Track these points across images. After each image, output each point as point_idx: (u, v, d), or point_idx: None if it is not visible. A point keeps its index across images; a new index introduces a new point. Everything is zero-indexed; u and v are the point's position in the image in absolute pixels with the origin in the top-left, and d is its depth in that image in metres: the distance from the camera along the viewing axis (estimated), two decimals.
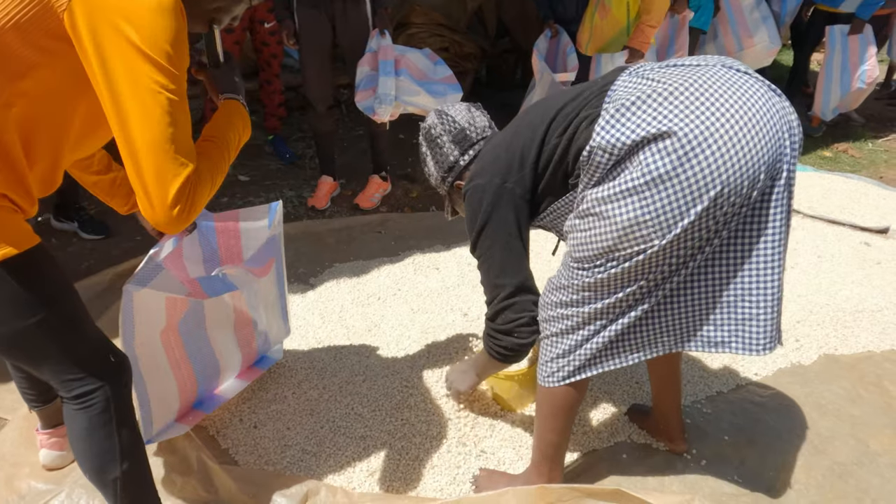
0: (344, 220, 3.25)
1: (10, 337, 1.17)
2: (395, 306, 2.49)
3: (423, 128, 1.67)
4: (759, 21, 4.16)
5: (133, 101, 1.03)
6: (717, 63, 1.30)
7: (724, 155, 1.17)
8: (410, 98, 3.08)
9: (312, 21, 3.01)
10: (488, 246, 1.48)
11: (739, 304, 1.30)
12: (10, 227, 1.13)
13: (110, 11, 1.01)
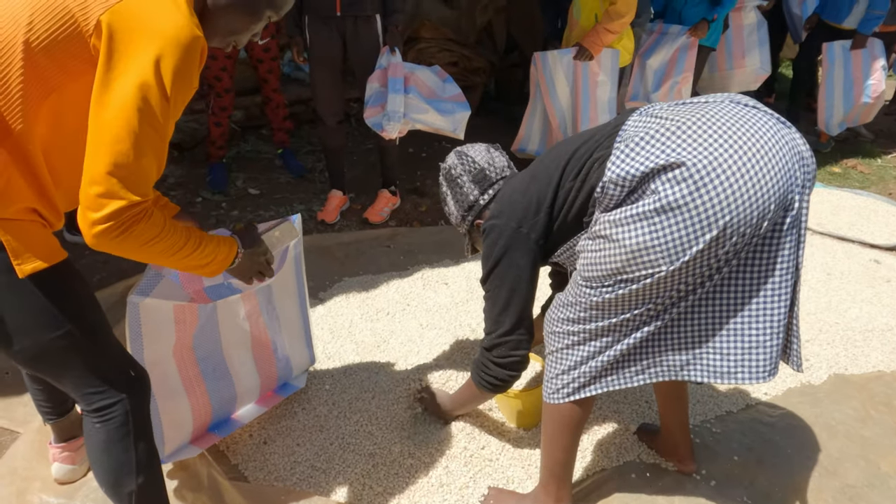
0: (353, 234, 3.27)
1: (35, 349, 1.19)
2: (404, 321, 2.50)
3: (442, 168, 1.73)
4: (755, 44, 4.19)
5: (117, 117, 1.05)
6: (726, 99, 1.33)
7: (734, 185, 1.19)
8: (419, 115, 3.11)
9: (323, 37, 3.04)
10: (497, 284, 1.55)
11: (746, 332, 1.31)
12: (40, 241, 1.16)
13: (136, 33, 1.05)
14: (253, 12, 1.25)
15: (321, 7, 2.94)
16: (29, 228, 1.14)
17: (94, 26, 1.05)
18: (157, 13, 1.06)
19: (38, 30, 1.05)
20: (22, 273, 1.12)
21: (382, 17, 3.05)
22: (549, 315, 1.49)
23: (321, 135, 3.38)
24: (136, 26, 1.05)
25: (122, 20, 1.05)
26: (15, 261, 1.12)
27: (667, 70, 3.96)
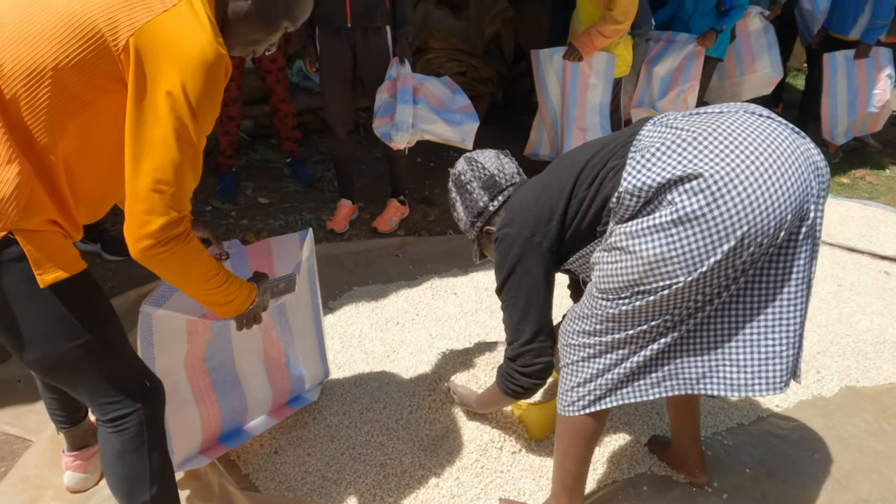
0: (362, 244, 3.28)
1: (53, 358, 1.20)
2: (413, 331, 2.50)
3: (452, 174, 1.74)
4: (763, 48, 4.18)
5: (154, 136, 1.10)
6: (740, 109, 1.34)
7: (751, 196, 1.19)
8: (427, 126, 3.13)
9: (334, 48, 3.06)
10: (513, 294, 1.54)
11: (762, 343, 1.30)
12: (61, 252, 1.17)
13: (164, 54, 1.07)
14: (271, 23, 1.28)
15: (332, 18, 2.96)
16: (50, 239, 1.16)
17: (122, 46, 1.07)
18: (183, 33, 1.09)
19: (67, 48, 1.07)
20: (43, 283, 1.14)
21: (392, 29, 3.07)
22: (563, 327, 1.49)
23: (331, 144, 3.40)
24: (164, 47, 1.08)
25: (150, 41, 1.08)
26: (36, 270, 1.13)
27: (673, 78, 3.97)
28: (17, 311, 1.15)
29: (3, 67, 1.06)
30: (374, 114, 3.12)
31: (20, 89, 1.07)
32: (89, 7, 1.07)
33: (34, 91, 1.08)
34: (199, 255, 1.22)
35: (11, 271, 1.12)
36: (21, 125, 1.09)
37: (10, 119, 1.08)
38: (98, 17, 1.07)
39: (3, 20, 1.08)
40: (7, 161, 1.07)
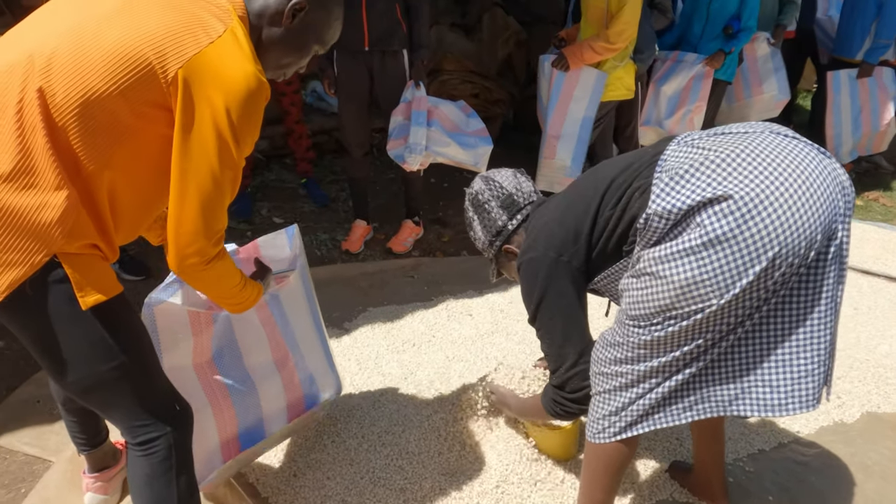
0: (377, 264, 3.30)
1: (90, 380, 1.22)
2: (430, 353, 2.50)
3: (469, 194, 1.73)
4: (770, 71, 4.21)
5: (201, 162, 1.15)
6: (765, 129, 1.34)
7: (782, 217, 1.19)
8: (440, 149, 3.16)
9: (352, 71, 3.10)
10: (549, 317, 1.53)
11: (794, 362, 1.29)
12: (101, 275, 1.20)
13: (210, 85, 1.12)
14: (302, 47, 1.33)
15: (351, 42, 3.00)
16: (90, 262, 1.18)
17: (171, 78, 1.11)
18: (229, 64, 1.13)
19: (117, 78, 1.10)
20: (85, 305, 1.16)
21: (409, 52, 3.11)
22: (595, 354, 1.47)
23: (346, 166, 3.43)
24: (210, 78, 1.12)
25: (198, 72, 1.11)
26: (79, 293, 1.15)
27: (681, 98, 3.99)
28: (59, 333, 1.17)
29: (55, 97, 1.09)
30: (389, 136, 3.15)
31: (71, 118, 1.10)
32: (139, 39, 1.11)
33: (84, 120, 1.11)
34: (230, 269, 1.33)
35: (55, 293, 1.15)
36: (70, 152, 1.12)
37: (59, 146, 1.10)
38: (147, 49, 1.11)
39: (55, 52, 1.10)
40: (55, 187, 1.10)
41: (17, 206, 1.09)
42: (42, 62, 1.09)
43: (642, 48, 3.50)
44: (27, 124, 1.09)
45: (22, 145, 1.08)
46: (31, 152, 1.09)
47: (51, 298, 1.14)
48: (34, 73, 1.09)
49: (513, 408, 1.89)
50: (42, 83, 1.09)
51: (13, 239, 1.10)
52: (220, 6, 1.20)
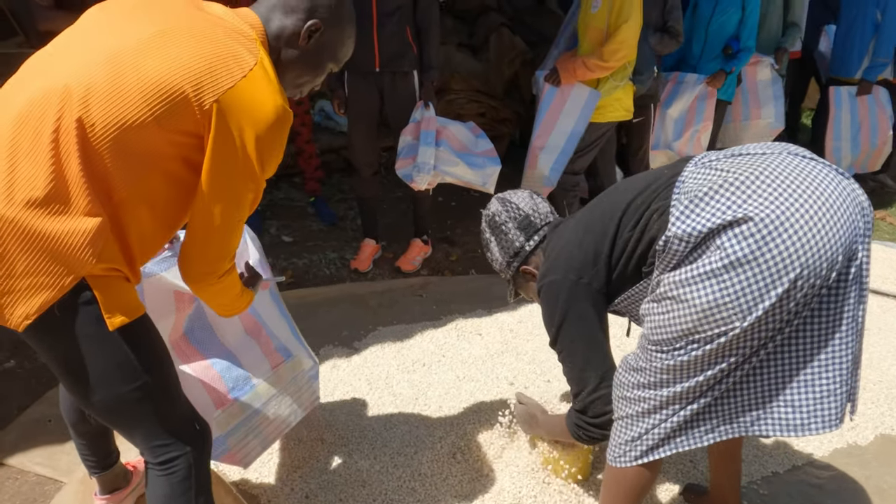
0: (386, 283, 3.30)
1: (113, 400, 1.23)
2: (440, 373, 2.50)
3: (485, 215, 1.74)
4: (770, 98, 4.23)
5: (230, 187, 1.21)
6: (783, 150, 1.34)
7: (803, 238, 1.19)
8: (448, 168, 3.18)
9: (362, 91, 3.14)
10: (570, 340, 1.53)
11: (817, 382, 1.29)
12: (126, 296, 1.22)
13: (243, 116, 1.16)
14: (318, 66, 1.38)
15: (362, 63, 3.03)
16: (116, 283, 1.20)
17: (206, 110, 1.15)
18: (259, 97, 1.18)
19: (153, 106, 1.13)
20: (112, 326, 1.17)
21: (419, 73, 3.14)
22: (617, 379, 1.46)
23: (355, 185, 3.45)
24: (242, 109, 1.16)
25: (232, 104, 1.16)
26: (106, 314, 1.17)
27: (686, 119, 4.01)
28: (85, 354, 1.19)
29: (94, 127, 1.11)
30: (398, 155, 3.17)
31: (107, 146, 1.13)
32: (176, 71, 1.14)
33: (119, 147, 1.13)
34: (236, 280, 1.39)
35: (82, 314, 1.16)
36: (103, 179, 1.14)
37: (93, 173, 1.13)
38: (184, 81, 1.14)
39: (93, 82, 1.13)
40: (87, 212, 1.12)
41: (49, 231, 1.11)
42: (80, 92, 1.12)
43: (641, 69, 3.49)
44: (62, 152, 1.11)
45: (56, 172, 1.11)
46: (65, 178, 1.11)
47: (78, 320, 1.16)
48: (72, 102, 1.11)
49: (540, 422, 1.88)
50: (81, 113, 1.11)
51: (44, 263, 1.11)
52: (246, 35, 1.24)
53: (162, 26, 1.19)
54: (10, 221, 1.09)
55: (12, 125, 1.12)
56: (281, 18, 1.30)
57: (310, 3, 1.30)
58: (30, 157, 1.10)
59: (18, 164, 1.10)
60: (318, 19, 1.31)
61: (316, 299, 3.07)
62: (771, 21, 4.24)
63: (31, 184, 1.09)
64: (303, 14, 1.30)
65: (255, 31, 1.27)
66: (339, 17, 1.35)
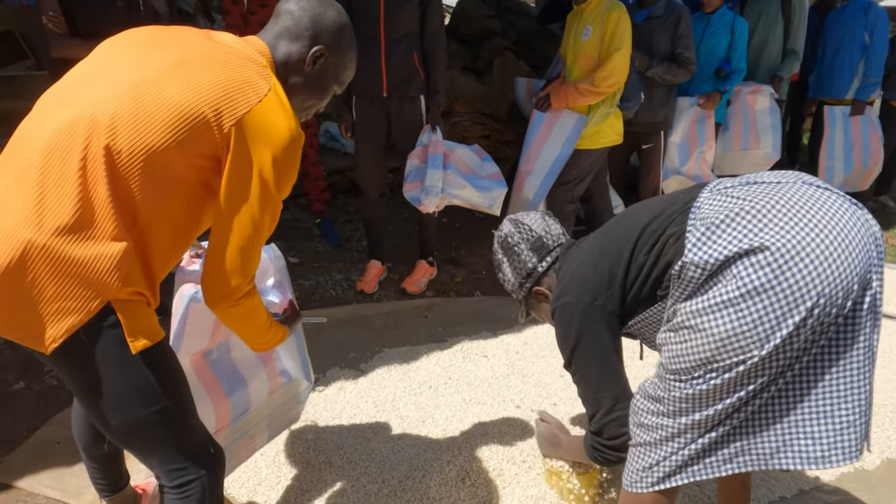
0: (391, 305, 3.32)
1: (132, 424, 1.25)
2: (447, 395, 2.51)
3: (498, 237, 1.77)
4: (768, 128, 4.26)
5: (248, 208, 1.24)
6: (798, 180, 1.36)
7: (819, 267, 1.21)
8: (456, 191, 3.22)
9: (370, 116, 3.19)
10: (584, 362, 1.55)
11: (836, 413, 1.29)
12: (147, 320, 1.24)
13: (259, 139, 1.21)
14: (323, 89, 1.46)
15: (369, 88, 3.09)
16: (138, 308, 1.23)
17: (225, 133, 1.19)
18: (274, 120, 1.23)
19: (176, 131, 1.17)
20: (135, 349, 1.20)
21: (425, 98, 3.19)
22: (635, 405, 1.47)
23: (362, 207, 3.48)
24: (259, 135, 1.21)
25: (249, 128, 1.21)
26: (129, 338, 1.19)
27: (689, 143, 4.05)
28: (107, 378, 1.21)
29: (121, 154, 1.15)
30: (405, 178, 3.21)
31: (134, 172, 1.17)
32: (197, 97, 1.19)
33: (145, 172, 1.17)
34: (260, 307, 1.41)
35: (106, 338, 1.19)
36: (129, 204, 1.18)
37: (120, 199, 1.16)
38: (204, 106, 1.18)
39: (118, 110, 1.17)
40: (113, 237, 1.15)
41: (76, 257, 1.14)
42: (106, 120, 1.15)
43: (629, 96, 3.50)
44: (90, 179, 1.14)
45: (83, 198, 1.14)
46: (92, 205, 1.15)
47: (102, 344, 1.18)
48: (99, 130, 1.15)
49: (563, 443, 1.88)
50: (108, 141, 1.15)
51: (72, 287, 1.14)
52: (257, 62, 1.30)
53: (179, 55, 1.23)
54: (41, 248, 1.12)
55: (41, 154, 1.15)
56: (287, 45, 1.37)
57: (313, 31, 1.37)
58: (58, 184, 1.14)
59: (47, 192, 1.14)
60: (322, 45, 1.38)
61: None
62: (771, 49, 4.30)
63: (59, 210, 1.13)
64: (307, 41, 1.37)
65: (265, 58, 1.33)
66: (341, 43, 1.42)
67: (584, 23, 3.21)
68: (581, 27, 3.22)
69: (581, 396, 1.61)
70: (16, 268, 1.12)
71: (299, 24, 1.37)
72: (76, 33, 2.70)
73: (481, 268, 3.83)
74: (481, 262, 3.89)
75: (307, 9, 1.38)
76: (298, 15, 1.37)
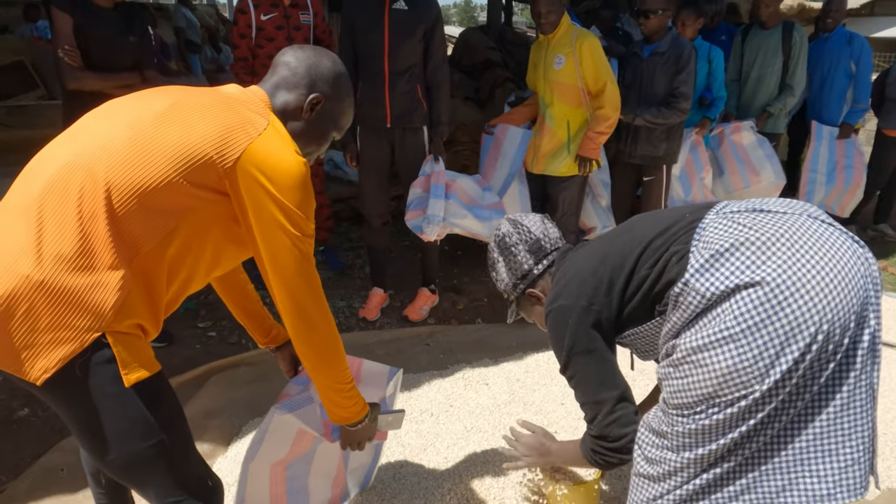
0: (393, 332, 3.35)
1: (129, 457, 1.25)
2: (448, 423, 2.52)
3: (496, 235, 1.77)
4: (763, 158, 4.27)
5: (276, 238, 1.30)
6: (803, 212, 1.39)
7: (819, 304, 1.24)
8: (457, 220, 3.27)
9: (374, 145, 3.25)
10: (582, 364, 1.54)
11: (841, 451, 1.31)
12: (142, 352, 1.25)
13: (264, 166, 1.26)
14: (322, 135, 1.50)
15: (373, 119, 3.16)
16: (133, 341, 1.24)
17: (230, 168, 1.24)
18: (275, 148, 1.28)
19: (178, 167, 1.22)
20: (128, 382, 1.20)
21: (428, 128, 3.26)
22: (640, 438, 1.47)
23: (365, 234, 3.53)
24: (263, 163, 1.26)
25: (252, 160, 1.26)
26: (123, 370, 1.20)
27: (688, 173, 4.10)
28: (101, 411, 1.21)
29: (119, 186, 1.19)
30: (407, 207, 3.26)
31: (132, 205, 1.20)
32: (198, 138, 1.23)
33: (144, 204, 1.20)
34: (339, 345, 1.44)
35: (98, 374, 1.19)
36: (129, 235, 1.20)
37: (119, 231, 1.19)
38: (207, 146, 1.23)
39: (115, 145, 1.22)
40: (110, 266, 1.18)
41: (72, 286, 1.15)
42: (104, 156, 1.20)
43: None
44: (87, 210, 1.17)
45: (81, 229, 1.17)
46: (89, 236, 1.17)
47: (96, 376, 1.19)
48: (96, 165, 1.19)
49: (553, 450, 1.83)
50: (106, 174, 1.19)
51: (67, 317, 1.16)
52: (257, 104, 1.37)
53: (177, 99, 1.29)
54: (38, 279, 1.14)
55: (40, 194, 1.19)
56: (284, 95, 1.42)
57: (309, 79, 1.43)
58: (56, 217, 1.17)
59: (45, 226, 1.17)
60: (319, 93, 1.43)
61: None
62: (769, 82, 4.33)
63: (57, 242, 1.16)
64: (304, 89, 1.42)
65: (265, 103, 1.39)
66: (337, 89, 1.47)
67: (554, 52, 3.30)
68: (551, 57, 3.31)
69: (579, 400, 1.58)
70: (12, 299, 1.14)
71: (295, 73, 1.42)
72: (91, 66, 2.78)
73: (483, 295, 3.86)
74: (483, 290, 3.92)
75: (303, 59, 1.44)
76: (294, 66, 1.43)
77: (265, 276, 1.35)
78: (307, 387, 1.65)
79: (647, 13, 3.45)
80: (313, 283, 1.36)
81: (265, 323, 1.80)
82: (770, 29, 4.28)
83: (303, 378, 1.73)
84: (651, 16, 3.45)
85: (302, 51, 1.46)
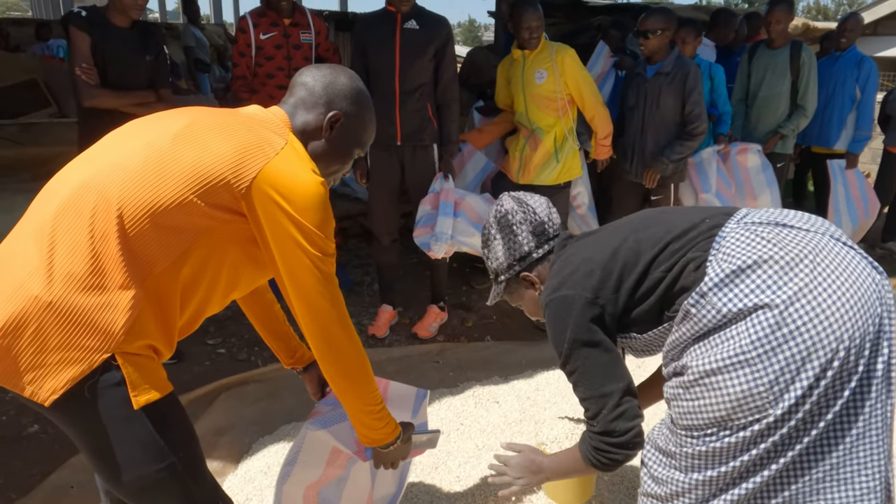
0: (403, 350, 3.34)
1: (141, 481, 1.22)
2: (459, 442, 2.51)
3: (497, 211, 1.68)
4: (763, 184, 4.24)
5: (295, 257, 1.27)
6: (826, 232, 1.37)
7: (836, 330, 1.23)
8: (465, 238, 3.28)
9: (384, 163, 3.27)
10: (584, 356, 1.47)
11: (856, 480, 1.29)
12: (153, 373, 1.23)
13: (280, 186, 1.23)
14: (345, 153, 1.48)
15: (384, 137, 3.17)
16: (144, 362, 1.22)
17: (246, 189, 1.22)
18: (292, 168, 1.26)
19: (193, 188, 1.20)
20: (137, 404, 1.18)
21: (438, 146, 3.28)
22: (647, 457, 1.47)
23: (374, 252, 3.53)
24: (279, 182, 1.24)
25: (268, 180, 1.23)
26: (132, 392, 1.18)
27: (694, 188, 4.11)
28: (111, 434, 1.19)
29: (133, 205, 1.18)
30: (416, 224, 3.27)
31: (145, 225, 1.18)
32: (214, 160, 1.22)
33: (157, 224, 1.19)
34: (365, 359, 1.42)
35: (108, 396, 1.17)
36: (142, 254, 1.19)
37: (131, 250, 1.18)
38: (223, 167, 1.22)
39: (129, 164, 1.21)
40: (121, 286, 1.16)
41: (82, 305, 1.14)
42: (118, 175, 1.19)
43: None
44: (98, 231, 1.16)
45: (93, 249, 1.16)
46: (101, 256, 1.16)
47: (104, 401, 1.17)
48: (109, 185, 1.19)
49: (545, 466, 1.70)
50: (120, 193, 1.18)
51: (76, 337, 1.14)
52: (275, 124, 1.36)
53: (195, 118, 1.29)
54: (49, 299, 1.13)
55: (54, 214, 1.19)
56: (304, 115, 1.41)
57: (327, 98, 1.42)
58: (68, 237, 1.16)
59: (57, 246, 1.16)
60: (338, 110, 1.42)
61: None
62: (778, 103, 4.24)
63: (68, 261, 1.15)
64: (323, 108, 1.42)
65: (284, 123, 1.38)
66: (357, 106, 1.46)
67: (534, 67, 3.39)
68: (531, 72, 3.40)
69: (581, 395, 1.51)
70: (20, 319, 1.13)
71: (313, 93, 1.42)
72: (107, 84, 2.81)
73: (492, 313, 3.85)
74: (492, 308, 3.92)
75: (319, 78, 1.43)
76: (311, 85, 1.42)
77: (287, 300, 1.33)
78: (338, 405, 1.63)
79: (647, 33, 3.48)
80: (338, 304, 1.34)
81: (290, 343, 1.79)
82: (777, 48, 4.21)
83: (331, 399, 1.71)
84: (651, 36, 3.47)
85: (319, 70, 1.46)
